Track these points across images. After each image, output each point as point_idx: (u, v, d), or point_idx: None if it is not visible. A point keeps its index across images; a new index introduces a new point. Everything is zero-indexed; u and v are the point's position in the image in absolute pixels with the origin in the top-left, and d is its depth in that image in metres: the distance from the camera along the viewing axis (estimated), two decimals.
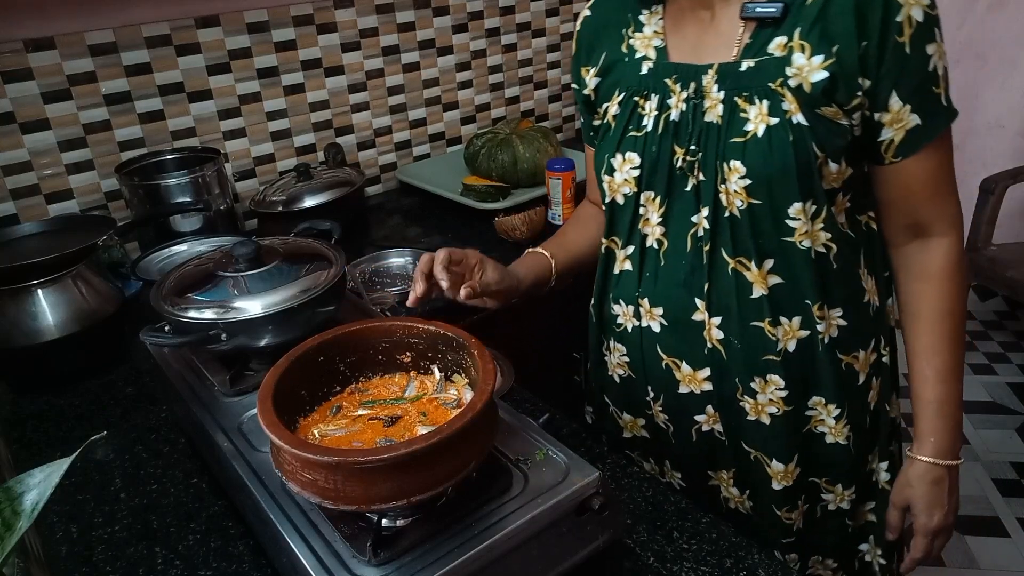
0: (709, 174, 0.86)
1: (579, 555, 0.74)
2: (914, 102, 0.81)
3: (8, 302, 1.21)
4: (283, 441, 0.65)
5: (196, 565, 0.86)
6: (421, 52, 2.06)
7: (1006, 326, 2.98)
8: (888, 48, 0.78)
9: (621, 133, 0.93)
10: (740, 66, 0.83)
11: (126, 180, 1.59)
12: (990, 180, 2.43)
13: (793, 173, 0.81)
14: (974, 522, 2.08)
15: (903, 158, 0.84)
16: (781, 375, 0.91)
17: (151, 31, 1.64)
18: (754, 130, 0.82)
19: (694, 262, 0.90)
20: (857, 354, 0.93)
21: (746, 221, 0.85)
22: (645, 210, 0.93)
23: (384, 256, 1.62)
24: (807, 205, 0.84)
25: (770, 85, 0.81)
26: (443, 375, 0.83)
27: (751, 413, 0.94)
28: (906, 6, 0.77)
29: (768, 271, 0.87)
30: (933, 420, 0.93)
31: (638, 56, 0.93)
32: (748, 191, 0.83)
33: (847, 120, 0.81)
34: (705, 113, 0.86)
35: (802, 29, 0.80)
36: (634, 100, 0.92)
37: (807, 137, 0.80)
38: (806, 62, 0.79)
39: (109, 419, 1.17)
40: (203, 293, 0.95)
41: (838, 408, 0.93)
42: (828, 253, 0.87)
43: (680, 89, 0.88)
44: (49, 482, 0.52)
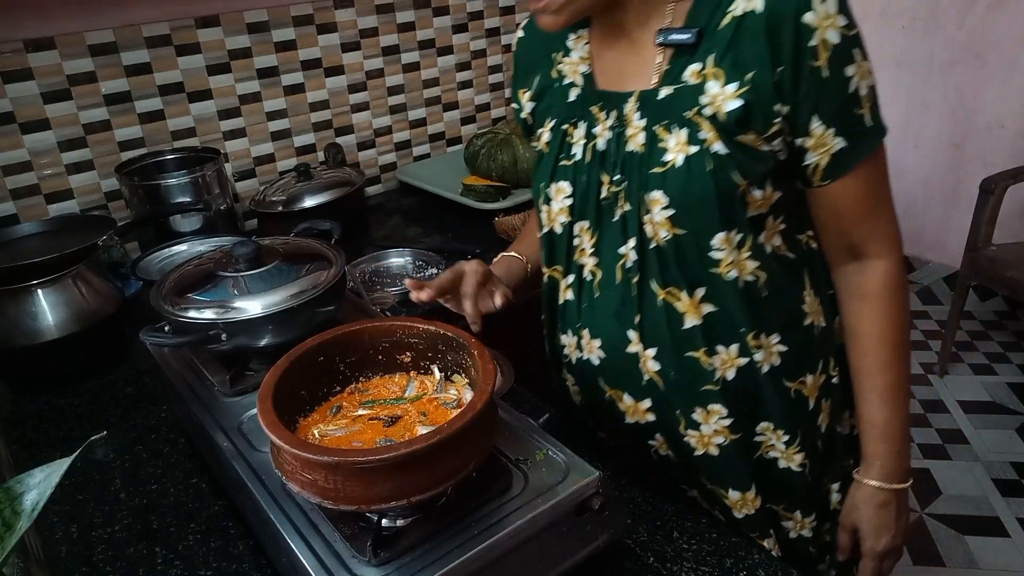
0: (633, 204, 0.84)
1: (579, 555, 0.74)
2: (837, 125, 0.78)
3: (8, 302, 1.21)
4: (283, 441, 0.65)
5: (196, 565, 0.86)
6: (421, 52, 2.06)
7: (1006, 326, 2.98)
8: (803, 73, 0.75)
9: (554, 162, 0.92)
10: (659, 94, 0.81)
11: (126, 180, 1.59)
12: (990, 180, 2.43)
13: (714, 203, 0.79)
14: (974, 522, 2.08)
15: (831, 181, 0.81)
16: (723, 404, 0.89)
17: (151, 31, 1.64)
18: (673, 160, 0.80)
19: (624, 294, 0.88)
20: (804, 379, 0.91)
21: (672, 251, 0.83)
22: (580, 240, 0.92)
23: (384, 256, 1.62)
24: (731, 234, 0.82)
25: (686, 114, 0.79)
26: (443, 375, 0.83)
27: (698, 447, 0.92)
28: (819, 29, 0.73)
29: (700, 300, 0.85)
30: (878, 443, 0.90)
31: (567, 82, 0.92)
32: (672, 221, 0.82)
33: (767, 146, 0.79)
34: (627, 142, 0.84)
35: (715, 56, 0.77)
36: (563, 128, 0.91)
37: (727, 166, 0.78)
38: (720, 90, 0.77)
39: (109, 419, 1.17)
40: (203, 293, 0.95)
41: (787, 434, 0.91)
42: (756, 281, 0.85)
43: (605, 117, 0.86)
44: (49, 482, 0.52)
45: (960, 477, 2.24)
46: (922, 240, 3.22)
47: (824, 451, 0.96)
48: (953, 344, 2.71)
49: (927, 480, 2.24)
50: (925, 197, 3.15)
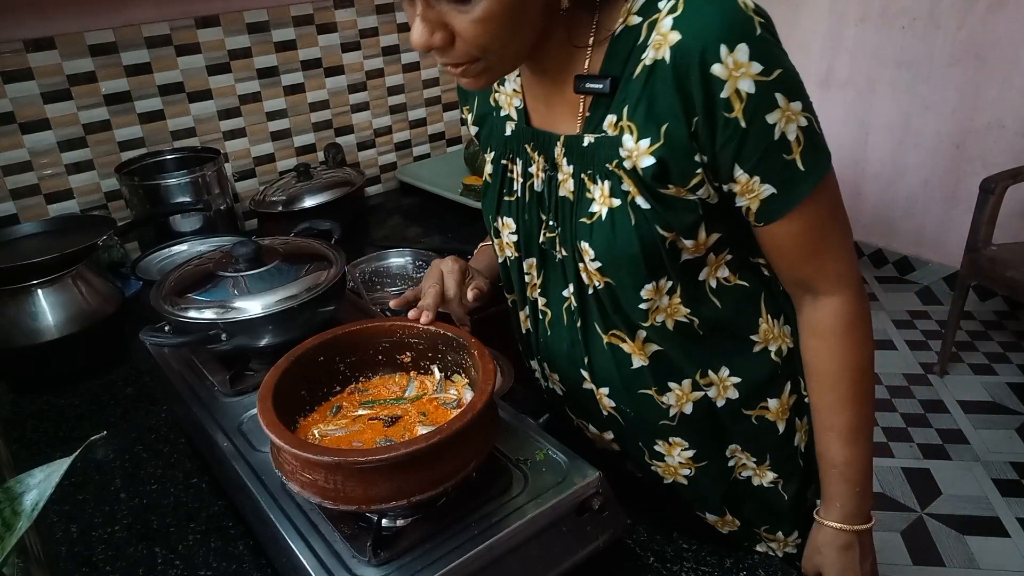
0: (568, 251, 0.82)
1: (579, 555, 0.74)
2: (762, 173, 0.71)
3: (8, 302, 1.21)
4: (283, 441, 0.65)
5: (196, 565, 0.86)
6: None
7: (1006, 326, 2.98)
8: (718, 124, 0.69)
9: (498, 196, 0.89)
10: (583, 141, 0.77)
11: (126, 180, 1.59)
12: (990, 180, 2.43)
13: (639, 256, 0.76)
14: (974, 522, 2.08)
15: (765, 224, 0.75)
16: (682, 437, 0.87)
17: (151, 31, 1.64)
18: (599, 212, 0.76)
19: (572, 335, 0.87)
20: (766, 405, 0.87)
21: (607, 298, 0.81)
22: (530, 276, 0.90)
23: (384, 256, 1.62)
24: (660, 283, 0.78)
25: (608, 166, 0.75)
26: (443, 375, 0.83)
27: (667, 476, 0.91)
28: (730, 80, 0.66)
29: (644, 340, 0.82)
30: (838, 484, 0.86)
31: (503, 114, 0.88)
32: (600, 272, 0.79)
33: (693, 195, 0.74)
34: (559, 187, 0.81)
35: (629, 108, 0.72)
36: (503, 163, 0.88)
37: (650, 219, 0.74)
38: (634, 145, 0.72)
39: (109, 419, 1.17)
40: (203, 293, 0.95)
41: (755, 456, 0.89)
42: (692, 323, 0.81)
43: (538, 157, 0.83)
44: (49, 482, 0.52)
45: (960, 477, 2.24)
46: (922, 240, 3.22)
47: (805, 468, 0.93)
48: (953, 344, 2.71)
49: (927, 480, 2.24)
50: (925, 197, 3.15)
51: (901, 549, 2.00)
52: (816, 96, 3.75)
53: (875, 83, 3.16)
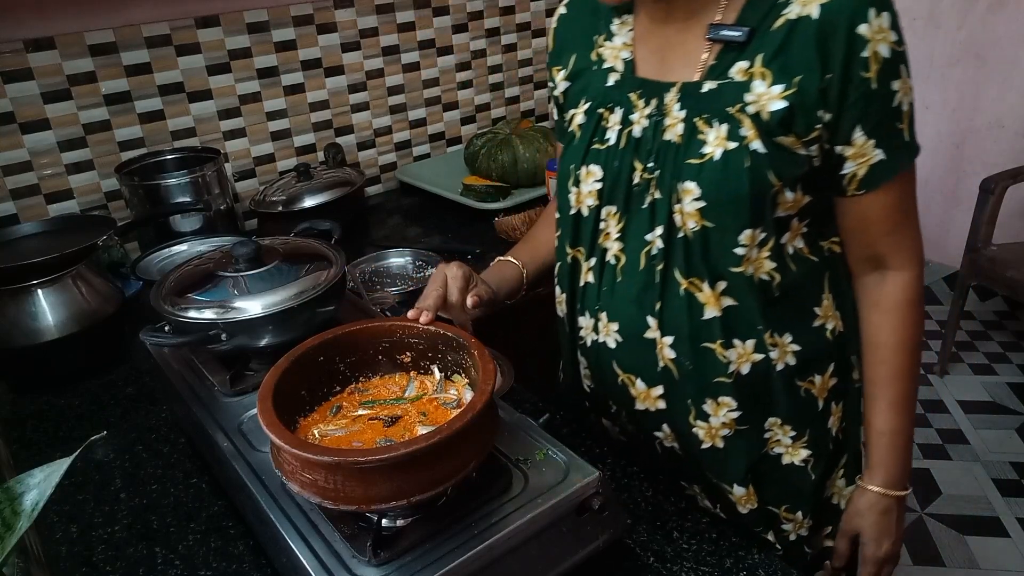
0: (664, 193, 0.84)
1: (579, 555, 0.74)
2: (878, 137, 0.79)
3: (8, 302, 1.21)
4: (283, 441, 0.65)
5: (196, 565, 0.86)
6: (421, 52, 2.06)
7: (1006, 326, 2.98)
8: (852, 83, 0.76)
9: (587, 145, 0.92)
10: (702, 87, 0.82)
11: (126, 180, 1.59)
12: (990, 180, 2.43)
13: (746, 200, 0.80)
14: (974, 522, 2.08)
15: (865, 192, 0.83)
16: (733, 396, 0.89)
17: (151, 31, 1.64)
18: (711, 153, 0.80)
19: (647, 280, 0.89)
20: (812, 379, 0.92)
21: (698, 243, 0.84)
22: (606, 224, 0.92)
23: (384, 256, 1.62)
24: (756, 232, 0.82)
25: (729, 110, 0.80)
26: (443, 375, 0.83)
27: (705, 440, 0.92)
28: (872, 42, 0.75)
29: (721, 292, 0.85)
30: (885, 451, 0.93)
31: (606, 66, 0.92)
32: (701, 213, 0.82)
33: (805, 151, 0.80)
34: (665, 131, 0.84)
35: (765, 56, 0.78)
36: (599, 112, 0.91)
37: (764, 164, 0.79)
38: (765, 90, 0.78)
39: (109, 419, 1.17)
40: (203, 293, 0.95)
41: (794, 430, 0.92)
42: (771, 282, 0.85)
43: (643, 105, 0.87)
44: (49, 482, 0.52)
45: (960, 477, 2.24)
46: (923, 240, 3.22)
47: (833, 453, 0.97)
48: (953, 344, 2.71)
49: (927, 480, 2.24)
50: (925, 197, 3.15)
51: (901, 549, 2.00)
52: None
53: None
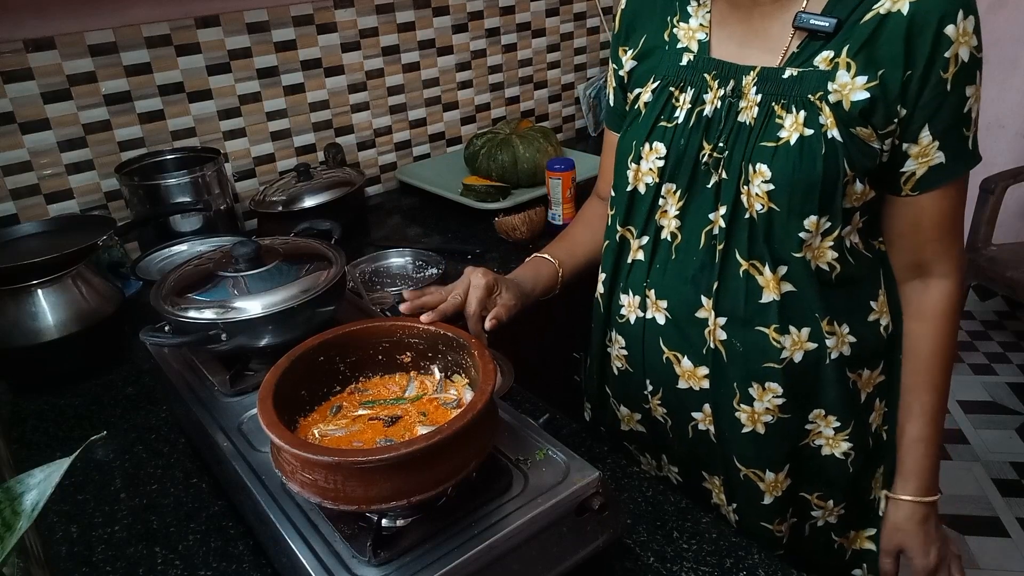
0: (733, 174, 0.86)
1: (579, 555, 0.74)
2: (943, 139, 0.81)
3: (8, 302, 1.21)
4: (283, 441, 0.65)
5: (196, 565, 0.86)
6: (421, 52, 2.06)
7: (1006, 326, 2.98)
8: (930, 81, 0.78)
9: (653, 122, 0.92)
10: (783, 73, 0.83)
11: (126, 180, 1.59)
12: (990, 180, 2.43)
13: (818, 186, 0.81)
14: (974, 522, 2.08)
15: (920, 193, 0.84)
16: (780, 383, 0.90)
17: (151, 31, 1.64)
18: (787, 137, 0.82)
19: (705, 259, 0.90)
20: (861, 372, 0.93)
21: (763, 225, 0.85)
22: (664, 202, 0.93)
23: (384, 256, 1.62)
24: (822, 220, 0.83)
25: (810, 97, 0.81)
26: (443, 375, 0.83)
27: (747, 424, 0.93)
28: (956, 43, 0.77)
29: (782, 277, 0.86)
30: (919, 459, 0.93)
31: (680, 46, 0.92)
32: (770, 196, 0.83)
33: (879, 144, 0.81)
34: (739, 113, 0.86)
35: (851, 47, 0.79)
36: (669, 90, 0.91)
37: (839, 153, 0.80)
38: (849, 81, 0.79)
39: (109, 419, 1.17)
40: (203, 293, 0.95)
41: (838, 420, 0.92)
42: (831, 272, 0.87)
43: (718, 86, 0.88)
44: (49, 482, 0.52)
45: (960, 477, 2.24)
46: None
47: (873, 449, 0.97)
48: None
49: None
50: None
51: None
52: None
53: None
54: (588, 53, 2.39)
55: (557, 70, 2.35)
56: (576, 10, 2.31)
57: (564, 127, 2.46)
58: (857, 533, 1.03)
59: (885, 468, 0.99)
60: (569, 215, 1.71)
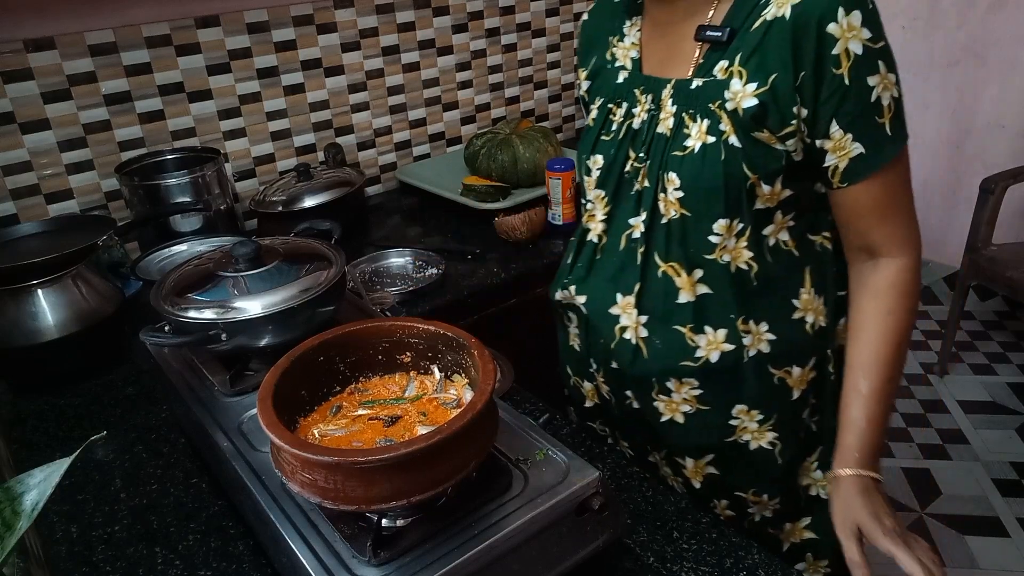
0: (652, 182, 0.90)
1: (579, 555, 0.74)
2: (855, 131, 0.81)
3: (8, 302, 1.21)
4: (283, 441, 0.65)
5: (196, 565, 0.86)
6: (421, 52, 2.06)
7: (1006, 326, 2.98)
8: (824, 79, 0.79)
9: (596, 136, 0.98)
10: (691, 84, 0.87)
11: (126, 180, 1.59)
12: (990, 180, 2.43)
13: (721, 191, 0.84)
14: (974, 522, 2.08)
15: (849, 184, 0.84)
16: (698, 379, 0.93)
17: (151, 31, 1.64)
18: (692, 146, 0.85)
19: (624, 261, 0.95)
20: (790, 369, 0.94)
21: (677, 230, 0.89)
22: (592, 207, 0.99)
23: (384, 256, 1.62)
24: (732, 223, 0.86)
25: (710, 106, 0.84)
26: (443, 375, 0.83)
27: (664, 412, 0.97)
28: (842, 40, 0.77)
29: (698, 280, 0.90)
30: (858, 438, 0.90)
31: (617, 65, 0.98)
32: (681, 202, 0.87)
33: (782, 145, 0.83)
34: (658, 125, 0.90)
35: (743, 55, 0.82)
36: (608, 107, 0.97)
37: (739, 158, 0.83)
38: (741, 88, 0.82)
39: (109, 419, 1.17)
40: (203, 293, 0.95)
41: (761, 414, 0.94)
42: (749, 271, 0.89)
43: (645, 100, 0.92)
44: (49, 482, 0.52)
45: (960, 477, 2.24)
46: (922, 240, 3.22)
47: (806, 441, 0.99)
48: (953, 344, 2.71)
49: (927, 480, 2.24)
50: (925, 197, 3.15)
51: None
52: None
53: None
54: None
55: (557, 70, 2.35)
56: (576, 10, 2.31)
57: (564, 127, 2.46)
58: (794, 525, 1.04)
59: (818, 457, 1.00)
60: (569, 215, 1.71)
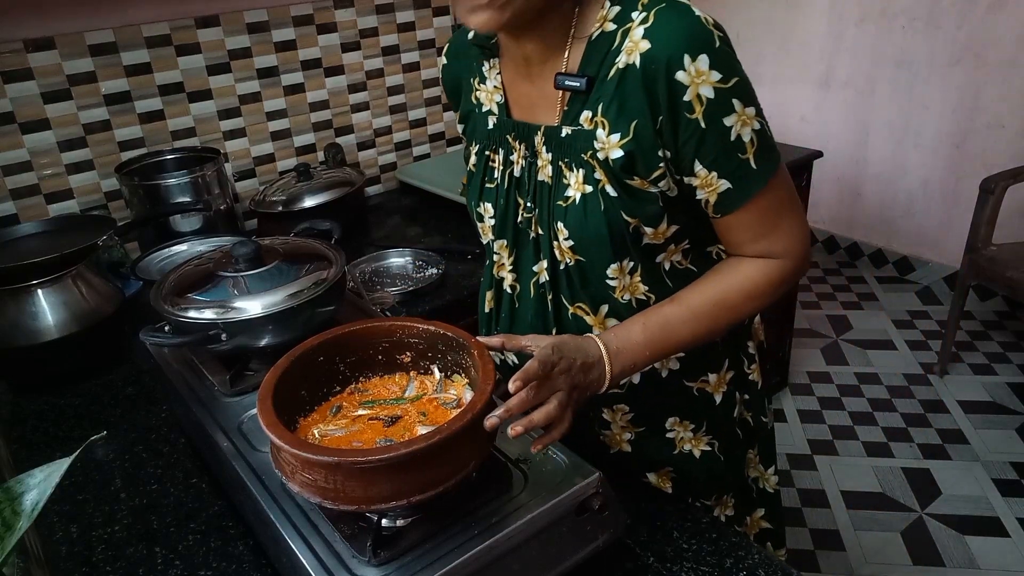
0: (544, 229, 0.89)
1: (579, 555, 0.74)
2: (719, 169, 0.79)
3: (8, 302, 1.21)
4: (283, 441, 0.65)
5: (196, 565, 0.86)
6: (421, 52, 2.06)
7: (1006, 326, 2.98)
8: (680, 123, 0.77)
9: (480, 183, 0.97)
10: (561, 132, 0.84)
11: (126, 180, 1.59)
12: (990, 180, 2.43)
13: (606, 239, 0.84)
14: (974, 522, 2.08)
15: (722, 215, 0.83)
16: (627, 403, 0.95)
17: (151, 31, 1.64)
18: (573, 197, 0.84)
19: (538, 306, 0.94)
20: (706, 378, 0.96)
21: (576, 275, 0.89)
22: (499, 256, 0.98)
23: (384, 256, 1.62)
24: (623, 263, 0.87)
25: (583, 155, 0.82)
26: (443, 375, 0.83)
27: (612, 445, 0.99)
28: (692, 86, 0.75)
29: (605, 316, 0.90)
30: (623, 343, 0.83)
31: (484, 110, 0.95)
32: (572, 250, 0.87)
33: (655, 187, 0.82)
34: (538, 172, 0.88)
35: (603, 105, 0.80)
36: (486, 154, 0.95)
37: (617, 206, 0.82)
38: (606, 139, 0.80)
39: (109, 419, 1.17)
40: (203, 293, 0.95)
41: (692, 423, 0.97)
42: (648, 300, 0.89)
43: (519, 146, 0.90)
44: (49, 482, 0.52)
45: (960, 477, 2.24)
46: (922, 240, 3.21)
47: (744, 436, 1.02)
48: (953, 344, 2.71)
49: (927, 480, 2.24)
50: (925, 197, 3.15)
51: (901, 549, 2.00)
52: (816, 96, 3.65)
53: (875, 83, 3.16)
54: None
55: None
56: None
57: None
58: (752, 518, 1.08)
59: (759, 450, 1.06)
60: None
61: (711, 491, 1.02)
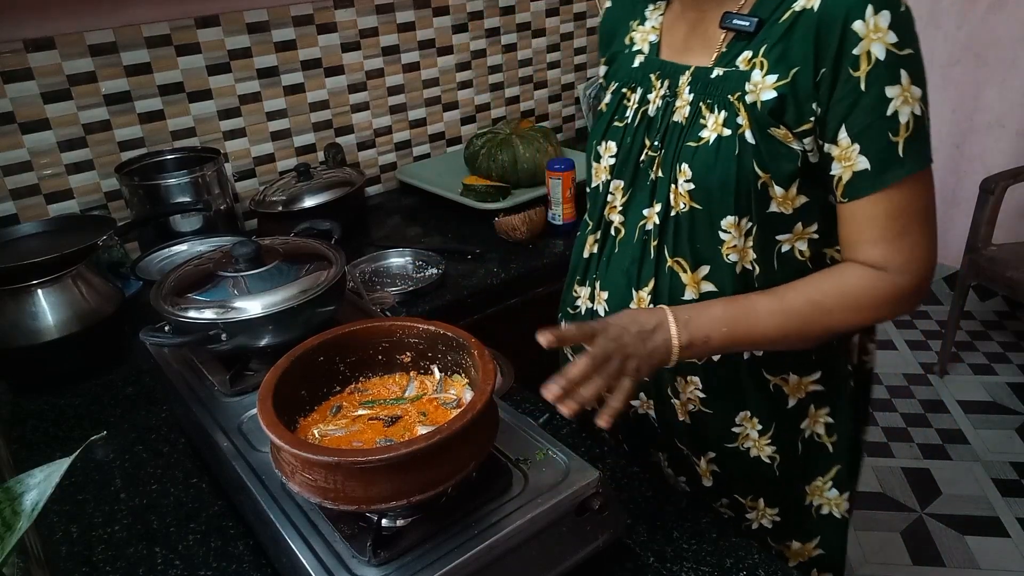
0: (666, 172, 0.87)
1: (579, 555, 0.74)
2: (863, 143, 0.75)
3: (8, 302, 1.21)
4: (283, 441, 0.65)
5: (196, 565, 0.86)
6: (421, 52, 2.06)
7: (1006, 326, 2.98)
8: (840, 79, 0.74)
9: (608, 122, 0.95)
10: (712, 73, 0.84)
11: (126, 180, 1.59)
12: (990, 180, 2.43)
13: (731, 187, 0.81)
14: (974, 522, 2.08)
15: (850, 200, 0.78)
16: (700, 378, 0.91)
17: (151, 31, 1.64)
18: (707, 138, 0.82)
19: (636, 253, 0.92)
20: (786, 376, 0.91)
21: (687, 224, 0.85)
22: (612, 197, 0.96)
23: (384, 256, 1.63)
24: (741, 221, 0.82)
25: (729, 97, 0.81)
26: (443, 375, 0.83)
27: (680, 414, 0.96)
28: (865, 39, 0.72)
29: (702, 277, 0.87)
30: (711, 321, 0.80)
31: (635, 49, 0.96)
32: (691, 195, 0.84)
33: (798, 144, 0.79)
34: (674, 113, 0.87)
35: (767, 46, 0.79)
36: (623, 92, 0.95)
37: (751, 154, 0.79)
38: (761, 80, 0.79)
39: (109, 419, 1.17)
40: (203, 293, 0.95)
41: (761, 424, 0.93)
42: (752, 272, 0.85)
43: (660, 86, 0.90)
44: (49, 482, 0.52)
45: (960, 477, 2.24)
46: None
47: (803, 455, 0.95)
48: (953, 344, 2.71)
49: (927, 480, 2.24)
50: None
51: (901, 549, 2.00)
52: None
53: None
54: (588, 53, 2.39)
55: (557, 70, 2.35)
56: (576, 10, 2.31)
57: (564, 127, 2.46)
58: (803, 546, 1.01)
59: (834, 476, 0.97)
60: (569, 215, 1.71)
61: (749, 493, 0.98)
